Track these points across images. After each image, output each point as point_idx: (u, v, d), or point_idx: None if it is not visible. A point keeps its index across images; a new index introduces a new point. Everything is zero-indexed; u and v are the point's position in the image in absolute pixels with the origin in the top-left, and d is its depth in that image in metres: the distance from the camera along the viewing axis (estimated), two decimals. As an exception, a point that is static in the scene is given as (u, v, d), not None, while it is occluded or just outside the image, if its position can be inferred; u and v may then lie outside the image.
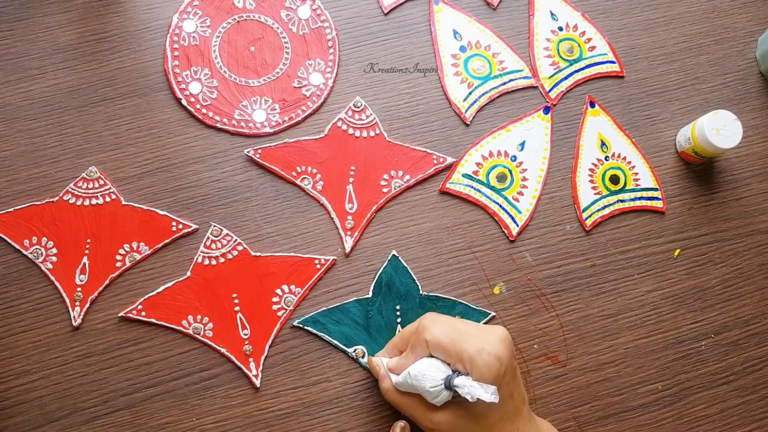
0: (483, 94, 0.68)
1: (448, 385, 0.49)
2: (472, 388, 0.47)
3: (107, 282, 0.60)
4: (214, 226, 0.62)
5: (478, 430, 0.51)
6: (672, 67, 0.71)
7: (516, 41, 0.70)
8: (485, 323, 0.62)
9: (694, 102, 0.70)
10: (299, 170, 0.64)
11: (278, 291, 0.61)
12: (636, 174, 0.67)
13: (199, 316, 0.60)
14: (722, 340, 0.64)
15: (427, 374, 0.50)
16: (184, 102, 0.65)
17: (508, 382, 0.51)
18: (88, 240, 0.61)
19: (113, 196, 0.62)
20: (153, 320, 0.59)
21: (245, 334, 0.60)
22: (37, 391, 0.58)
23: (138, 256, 0.61)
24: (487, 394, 0.47)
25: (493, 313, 0.62)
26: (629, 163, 0.67)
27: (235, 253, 0.61)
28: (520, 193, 0.65)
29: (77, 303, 0.59)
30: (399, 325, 0.61)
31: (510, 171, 0.66)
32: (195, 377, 0.59)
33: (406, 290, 0.62)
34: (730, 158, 0.69)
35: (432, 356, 0.52)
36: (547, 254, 0.64)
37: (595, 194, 0.66)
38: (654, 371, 0.62)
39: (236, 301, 0.60)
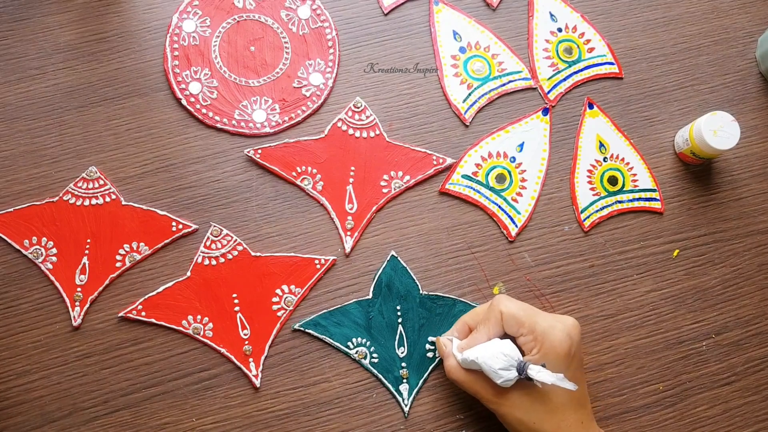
0: (482, 95, 0.68)
1: (521, 370, 0.50)
2: (547, 375, 0.49)
3: (107, 282, 0.60)
4: (214, 226, 0.62)
5: (543, 410, 0.52)
6: (671, 68, 0.71)
7: (515, 42, 0.70)
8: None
9: (693, 103, 0.70)
10: (299, 170, 0.64)
11: (278, 291, 0.61)
12: (634, 175, 0.67)
13: (199, 316, 0.60)
14: (723, 341, 0.64)
15: (498, 356, 0.51)
16: (184, 102, 0.65)
17: (576, 368, 0.53)
18: (88, 240, 0.61)
19: (113, 196, 0.62)
20: (153, 320, 0.59)
21: (245, 335, 0.60)
22: (37, 391, 0.57)
23: (138, 256, 0.61)
24: (563, 381, 0.49)
25: (493, 314, 0.62)
26: (627, 164, 0.67)
27: (235, 253, 0.61)
28: (519, 194, 0.65)
29: (77, 303, 0.59)
30: (400, 326, 0.61)
31: (509, 172, 0.66)
32: (195, 377, 0.59)
33: (406, 290, 0.62)
34: (730, 159, 0.69)
35: (502, 338, 0.53)
36: (546, 255, 0.64)
37: (593, 195, 0.66)
38: (655, 372, 0.62)
39: (236, 301, 0.60)
